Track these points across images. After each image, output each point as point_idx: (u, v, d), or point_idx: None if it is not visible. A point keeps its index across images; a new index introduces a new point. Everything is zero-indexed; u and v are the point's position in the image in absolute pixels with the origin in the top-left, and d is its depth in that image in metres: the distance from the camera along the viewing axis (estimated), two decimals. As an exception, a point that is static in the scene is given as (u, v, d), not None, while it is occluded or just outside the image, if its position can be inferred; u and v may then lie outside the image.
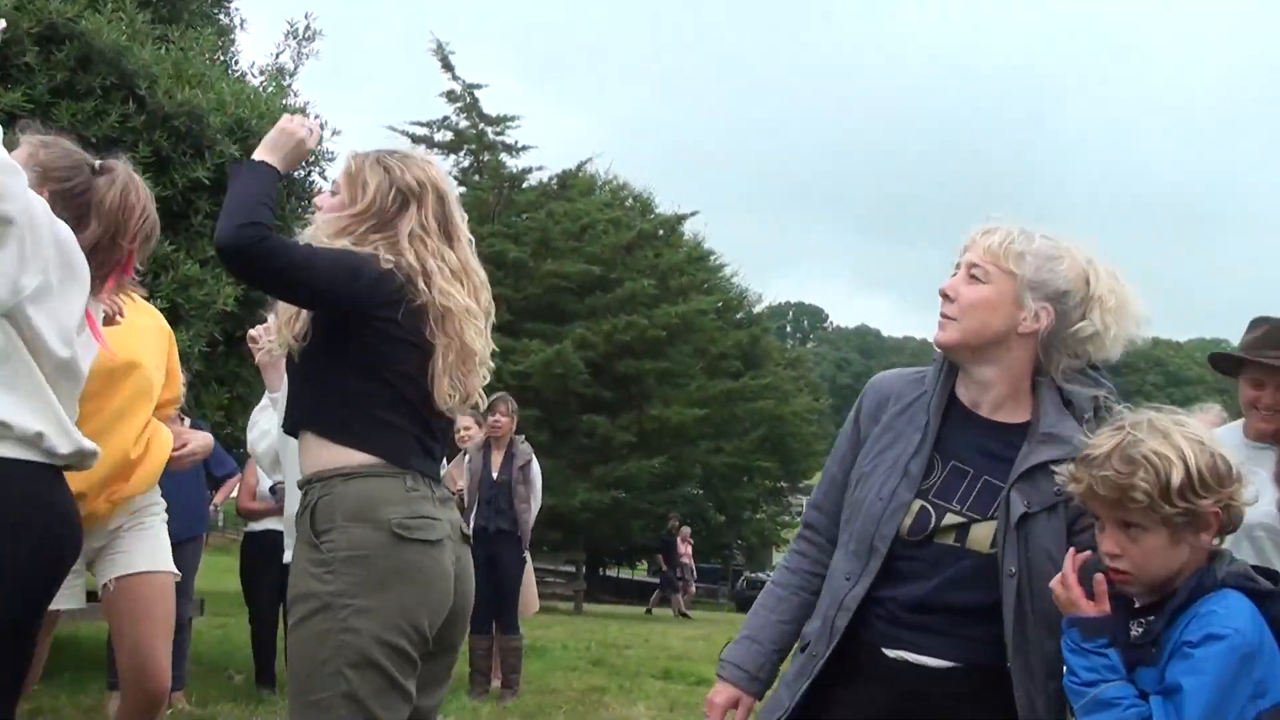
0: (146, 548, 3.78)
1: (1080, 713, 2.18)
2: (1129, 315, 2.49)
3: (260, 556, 7.61)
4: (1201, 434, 2.26)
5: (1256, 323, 3.86)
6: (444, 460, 3.08)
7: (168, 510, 3.96)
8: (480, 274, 3.01)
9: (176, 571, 3.92)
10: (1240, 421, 3.92)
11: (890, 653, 2.43)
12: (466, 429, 8.47)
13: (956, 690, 2.40)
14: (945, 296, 2.52)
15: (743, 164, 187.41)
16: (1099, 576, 2.27)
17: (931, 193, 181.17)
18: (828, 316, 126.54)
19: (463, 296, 2.89)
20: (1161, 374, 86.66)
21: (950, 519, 2.44)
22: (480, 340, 2.93)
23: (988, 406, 2.52)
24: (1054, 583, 2.30)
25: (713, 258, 33.11)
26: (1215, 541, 2.27)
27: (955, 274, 2.54)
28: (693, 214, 28.75)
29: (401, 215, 2.90)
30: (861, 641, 2.46)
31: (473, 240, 3.08)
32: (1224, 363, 3.88)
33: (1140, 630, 2.26)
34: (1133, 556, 2.24)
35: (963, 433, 2.51)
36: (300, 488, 2.88)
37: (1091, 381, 2.51)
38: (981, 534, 2.42)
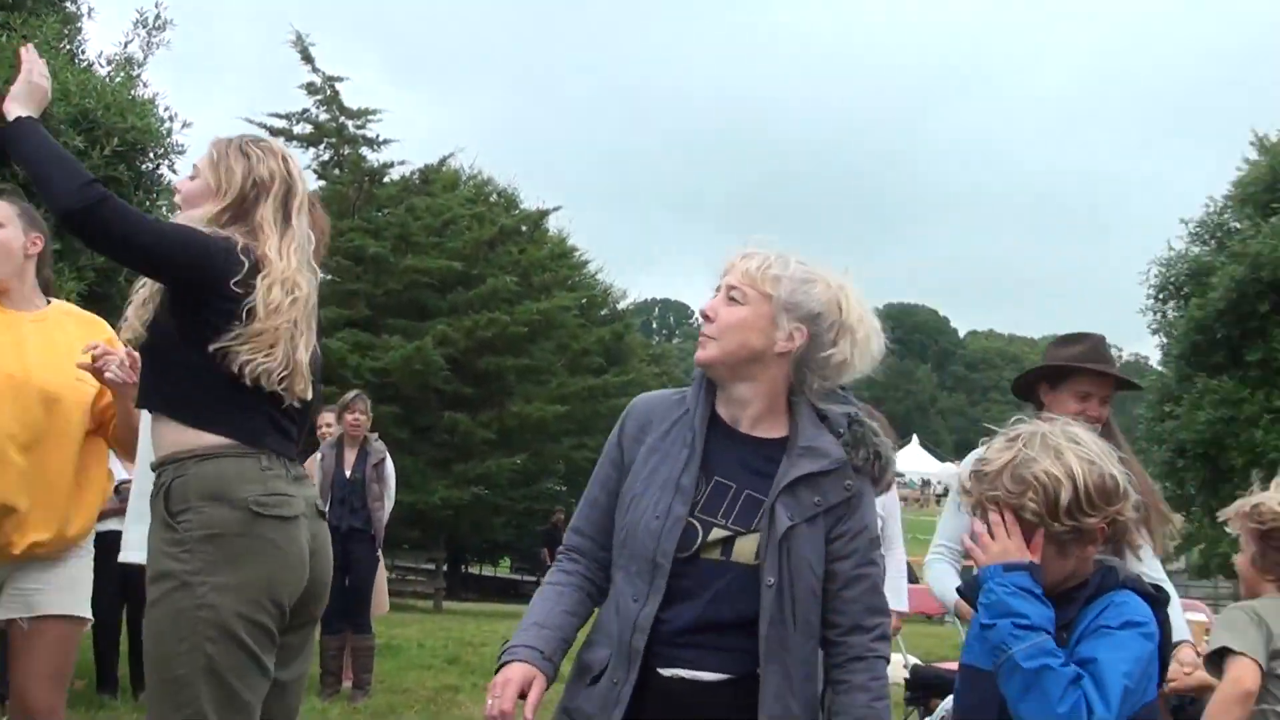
0: (61, 587, 3.56)
1: (1023, 656, 2.20)
2: (870, 350, 2.61)
3: (101, 558, 7.43)
4: (1093, 450, 2.35)
5: (1073, 338, 4.02)
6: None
7: None
8: (305, 274, 2.99)
9: (89, 617, 3.72)
10: None
11: (665, 672, 2.49)
12: (328, 425, 8.40)
13: (729, 701, 2.47)
14: (705, 317, 2.61)
15: (610, 160, 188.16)
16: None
17: (800, 190, 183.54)
18: (693, 313, 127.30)
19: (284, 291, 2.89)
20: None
21: (716, 533, 2.51)
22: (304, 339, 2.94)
23: (747, 423, 2.61)
24: (978, 535, 2.36)
25: (576, 254, 33.10)
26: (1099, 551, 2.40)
27: (715, 295, 2.63)
28: (556, 209, 28.74)
29: (258, 205, 2.94)
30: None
31: (312, 238, 3.09)
32: (1042, 375, 3.96)
33: None
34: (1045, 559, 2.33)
35: (725, 449, 2.59)
36: (153, 469, 2.90)
37: (841, 400, 2.64)
38: (746, 547, 2.50)
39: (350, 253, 21.78)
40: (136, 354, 3.12)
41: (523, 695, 2.42)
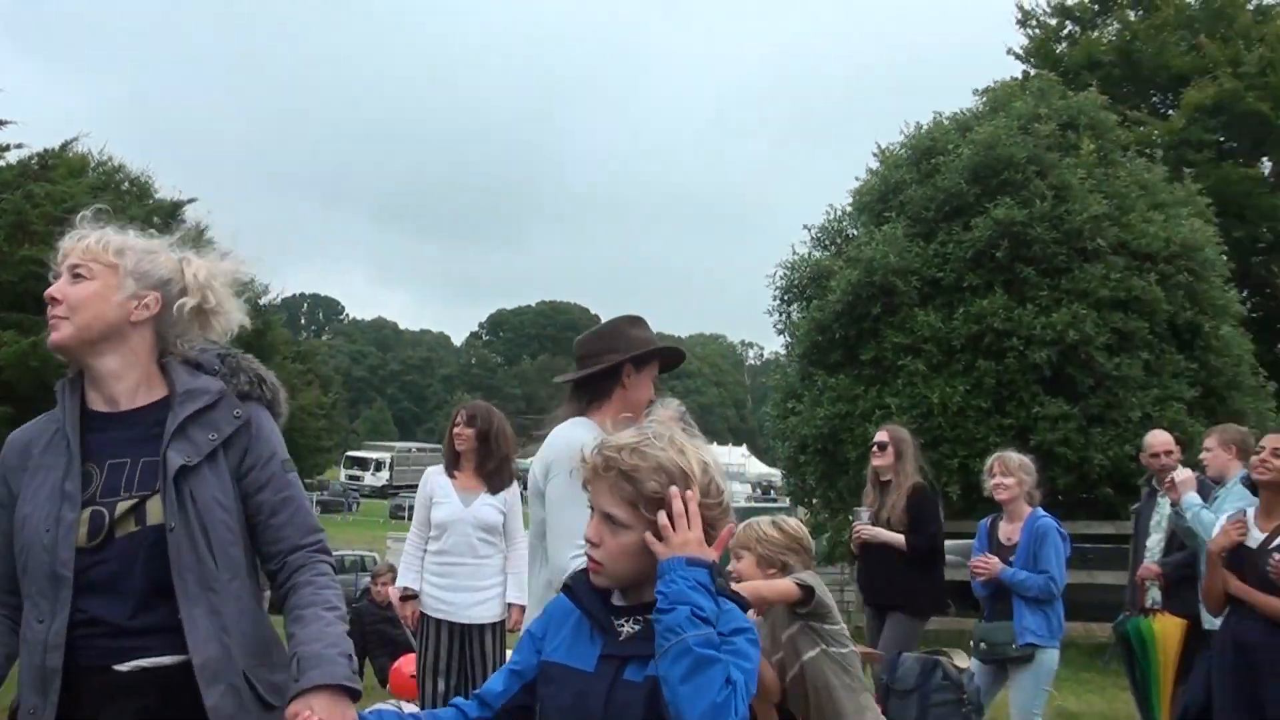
0: None
1: (695, 642, 2.19)
2: (227, 311, 2.78)
3: None
4: (708, 458, 2.37)
5: (641, 320, 4.24)
6: None
7: None
8: None
9: None
10: None
11: (123, 667, 2.46)
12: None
13: (193, 681, 2.47)
14: (53, 300, 2.63)
15: (258, 151, 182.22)
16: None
17: (452, 185, 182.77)
18: (344, 309, 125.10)
19: None
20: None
21: (124, 506, 2.52)
22: None
23: (125, 398, 2.64)
24: (661, 526, 2.30)
25: (215, 247, 31.91)
26: None
27: (56, 280, 2.65)
28: (192, 200, 27.62)
29: None
30: (90, 669, 2.47)
31: None
32: (658, 354, 4.07)
33: (638, 627, 2.33)
34: (609, 549, 2.32)
35: (108, 434, 2.61)
36: None
37: (212, 345, 2.76)
38: (156, 506, 2.53)
39: (-42, 241, 20.22)
40: None
41: None
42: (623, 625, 2.35)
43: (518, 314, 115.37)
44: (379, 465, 66.54)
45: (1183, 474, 7.17)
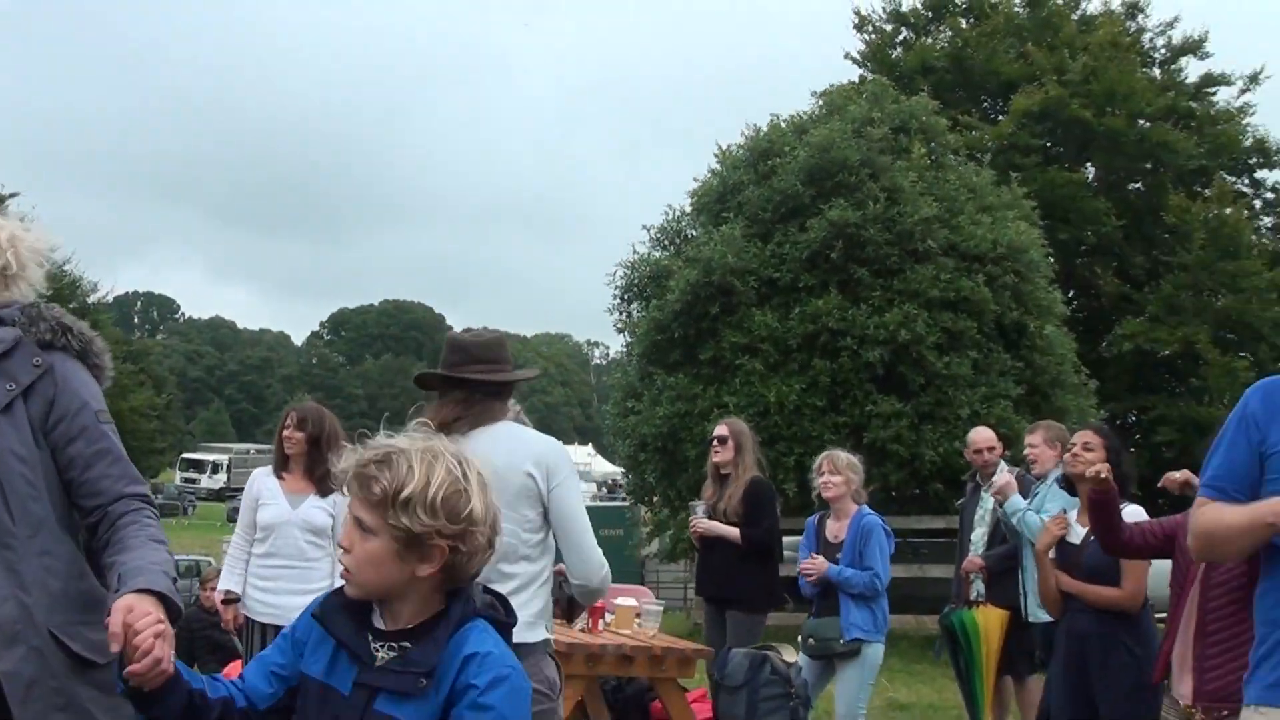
0: None
1: None
2: (29, 278, 2.75)
3: None
4: (472, 471, 2.28)
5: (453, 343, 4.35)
6: None
7: None
8: None
9: None
10: None
11: None
12: None
13: None
14: None
15: (88, 145, 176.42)
16: None
17: (293, 182, 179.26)
18: (180, 307, 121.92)
19: None
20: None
21: None
22: None
23: None
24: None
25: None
26: (443, 575, 2.26)
27: None
28: (14, 195, 26.71)
29: None
30: None
31: None
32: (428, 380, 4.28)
33: (394, 654, 2.24)
34: (357, 556, 2.24)
35: None
36: None
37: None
38: None
39: None
40: None
41: None
42: (378, 650, 2.26)
43: (360, 313, 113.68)
44: (216, 467, 64.99)
45: (1002, 479, 7.39)
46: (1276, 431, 3.03)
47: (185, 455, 65.54)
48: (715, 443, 7.61)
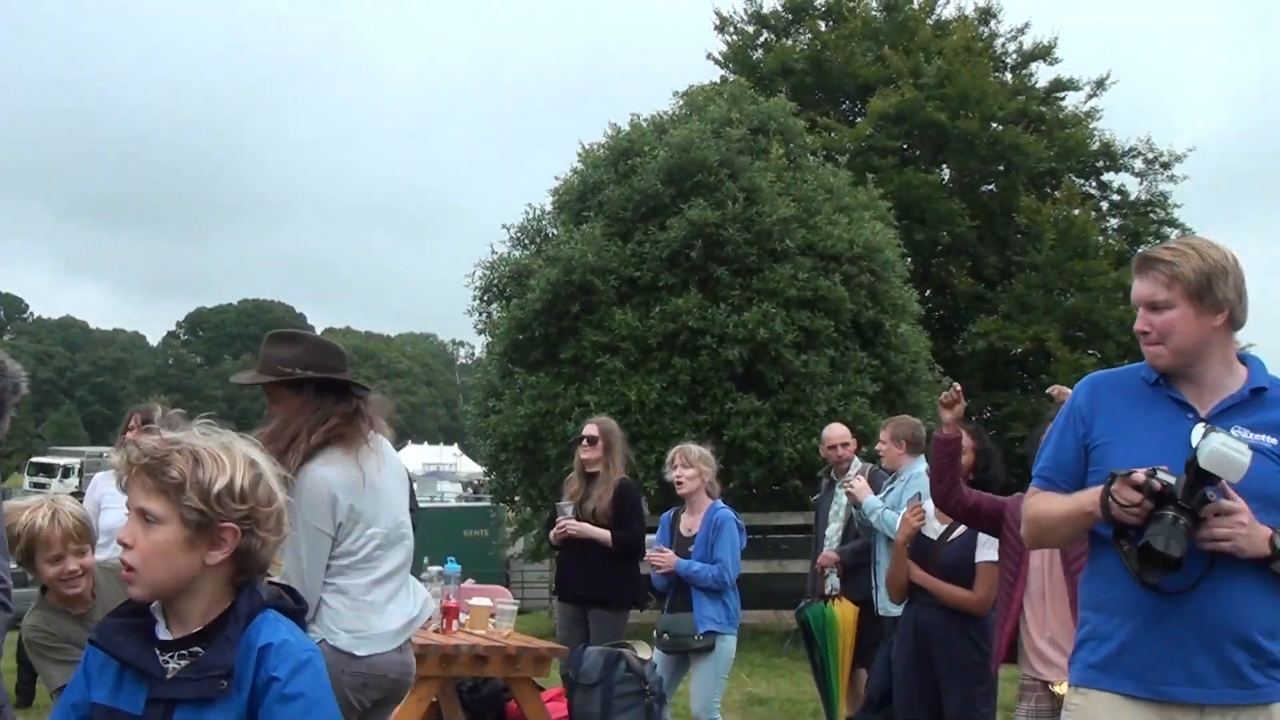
0: None
1: None
2: None
3: None
4: (263, 458, 2.23)
5: (289, 337, 4.30)
6: None
7: None
8: None
9: None
10: None
11: None
12: None
13: None
14: None
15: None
16: None
17: (147, 179, 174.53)
18: (28, 307, 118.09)
19: None
20: (374, 366, 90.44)
21: None
22: None
23: None
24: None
25: None
26: (234, 567, 2.20)
27: None
28: None
29: None
30: None
31: None
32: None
33: (186, 663, 2.15)
34: (143, 550, 2.16)
35: None
36: None
37: None
38: None
39: None
40: None
41: None
42: (168, 661, 2.18)
43: (218, 312, 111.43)
44: (67, 471, 63.01)
45: (855, 483, 7.51)
46: (1100, 425, 3.15)
47: (34, 459, 63.59)
48: (585, 442, 7.57)
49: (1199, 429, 2.94)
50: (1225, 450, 2.86)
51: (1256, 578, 3.02)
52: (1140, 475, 2.92)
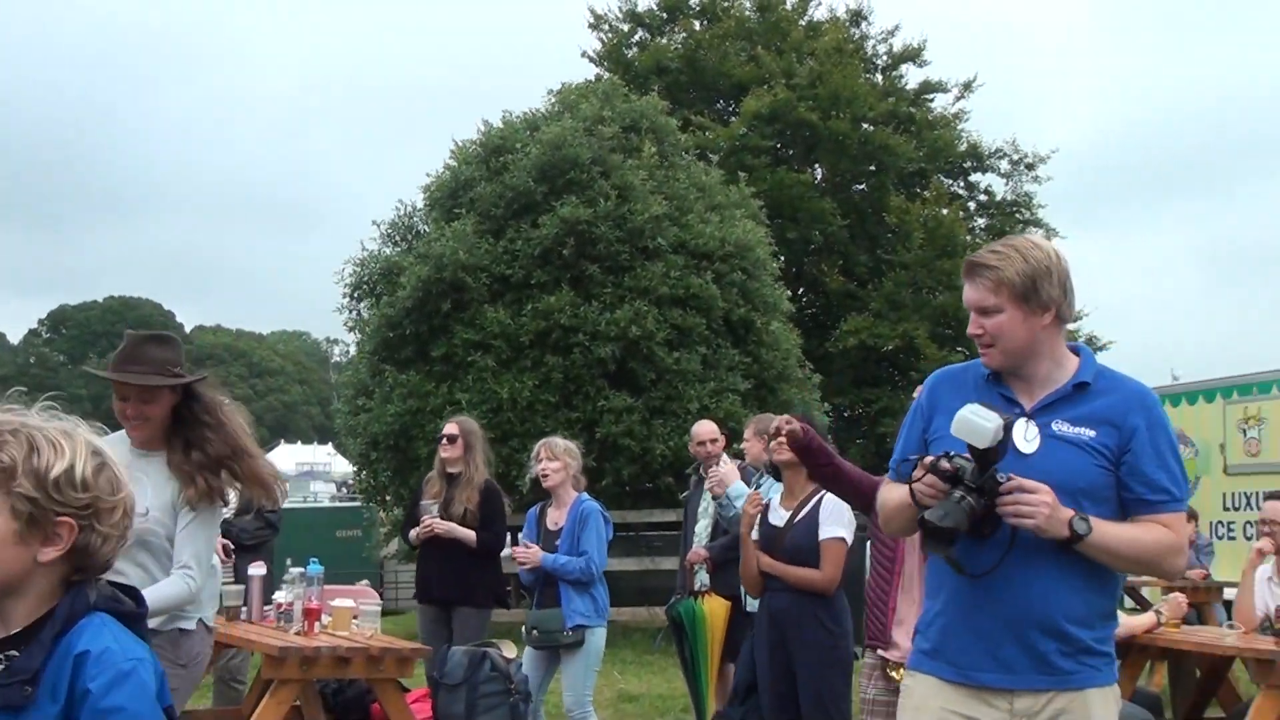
0: None
1: None
2: None
3: None
4: (106, 448, 2.07)
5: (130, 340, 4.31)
6: None
7: None
8: None
9: None
10: (122, 432, 4.27)
11: None
12: None
13: None
14: None
15: None
16: None
17: (5, 172, 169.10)
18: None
19: None
20: (245, 365, 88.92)
21: None
22: None
23: None
24: None
25: None
26: (70, 565, 2.03)
27: None
28: None
29: None
30: None
31: None
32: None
33: (2, 667, 1.97)
34: None
35: None
36: None
37: None
38: None
39: None
40: None
41: None
42: None
43: (83, 310, 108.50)
44: (-77, 476, 61.29)
45: (725, 468, 7.55)
46: (939, 420, 3.30)
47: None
48: (444, 441, 7.54)
49: (967, 409, 3.06)
50: (970, 417, 3.01)
51: (1063, 566, 3.15)
52: (930, 459, 3.10)
